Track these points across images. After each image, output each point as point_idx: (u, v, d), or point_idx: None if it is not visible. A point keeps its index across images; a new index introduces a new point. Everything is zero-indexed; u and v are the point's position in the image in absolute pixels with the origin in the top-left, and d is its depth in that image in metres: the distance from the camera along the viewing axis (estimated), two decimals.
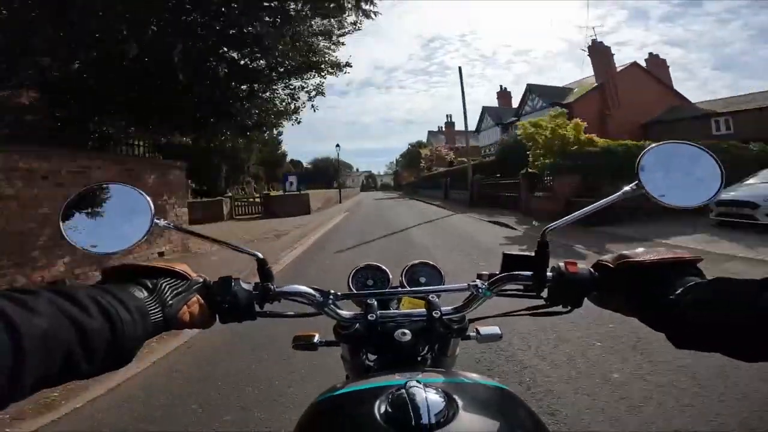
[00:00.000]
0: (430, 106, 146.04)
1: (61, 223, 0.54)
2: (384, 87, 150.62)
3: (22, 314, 0.33)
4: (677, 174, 0.58)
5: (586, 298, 0.55)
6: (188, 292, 0.51)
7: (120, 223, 0.56)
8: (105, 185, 0.58)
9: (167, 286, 0.49)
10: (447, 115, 41.92)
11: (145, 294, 0.46)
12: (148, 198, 0.57)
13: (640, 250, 0.52)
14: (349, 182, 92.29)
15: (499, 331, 0.72)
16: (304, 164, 75.27)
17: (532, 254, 0.58)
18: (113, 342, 0.39)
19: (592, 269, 0.55)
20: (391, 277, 0.77)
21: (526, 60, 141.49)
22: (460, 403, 0.43)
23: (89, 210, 0.57)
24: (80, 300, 0.38)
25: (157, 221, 0.57)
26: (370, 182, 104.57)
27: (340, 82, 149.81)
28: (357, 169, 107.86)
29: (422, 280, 0.77)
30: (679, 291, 0.44)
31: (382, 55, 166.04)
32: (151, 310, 0.45)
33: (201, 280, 0.53)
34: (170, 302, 0.48)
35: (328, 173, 73.10)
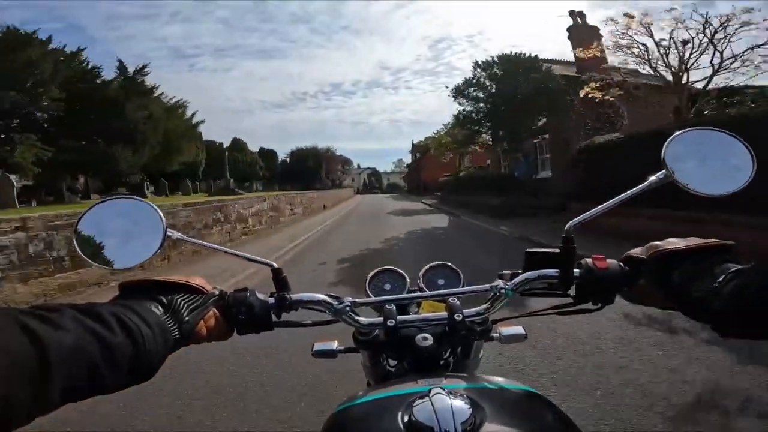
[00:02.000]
0: (437, 107, 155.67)
1: (74, 241, 0.57)
2: (391, 87, 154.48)
3: (49, 330, 0.36)
4: (706, 161, 0.57)
5: (618, 295, 0.56)
6: (204, 307, 0.54)
7: (132, 237, 0.58)
8: (114, 200, 0.60)
9: (183, 302, 0.51)
10: (572, 12, 14.15)
11: (162, 310, 0.49)
12: (159, 210, 0.59)
13: (672, 239, 0.53)
14: (348, 181, 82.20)
15: (524, 331, 0.70)
16: (281, 156, 60.78)
17: (557, 250, 0.58)
18: (136, 357, 0.42)
19: (621, 264, 0.56)
20: (408, 280, 0.78)
21: None
22: (487, 409, 0.44)
23: (101, 226, 0.59)
24: (103, 316, 0.41)
25: (170, 234, 0.59)
26: (373, 182, 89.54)
27: (347, 82, 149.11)
28: (358, 165, 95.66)
29: (441, 282, 0.77)
30: (720, 279, 0.45)
31: (390, 56, 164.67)
32: (170, 326, 0.48)
33: (217, 293, 0.56)
34: (186, 318, 0.50)
35: (311, 167, 57.01)
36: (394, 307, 0.61)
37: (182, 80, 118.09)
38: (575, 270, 0.57)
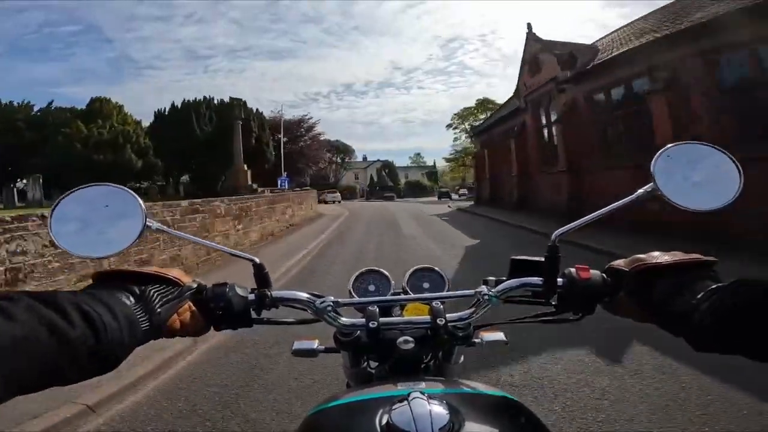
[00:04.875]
0: (449, 106, 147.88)
1: (49, 228, 0.58)
2: (403, 87, 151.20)
3: None
4: (693, 176, 0.62)
5: (598, 305, 0.63)
6: (179, 300, 0.56)
7: (111, 225, 0.59)
8: (93, 187, 0.61)
9: (156, 294, 0.53)
10: None
11: (133, 301, 0.51)
12: (140, 199, 0.61)
13: (655, 253, 0.59)
14: (349, 178, 59.33)
15: (505, 338, 0.76)
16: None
17: (541, 259, 0.64)
18: (96, 349, 0.43)
19: (604, 275, 0.62)
20: (393, 282, 0.83)
21: None
22: (465, 415, 0.46)
23: (78, 213, 0.59)
24: (62, 306, 0.42)
25: (150, 224, 0.60)
26: (384, 179, 60.67)
27: (359, 82, 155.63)
28: (365, 157, 71.08)
29: (426, 285, 0.81)
30: (699, 295, 0.50)
31: (401, 56, 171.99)
32: (139, 317, 0.50)
33: (195, 285, 0.60)
34: (158, 310, 0.52)
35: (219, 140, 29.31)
36: (377, 309, 0.65)
37: (198, 82, 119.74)
38: (559, 279, 0.63)
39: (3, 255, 3.51)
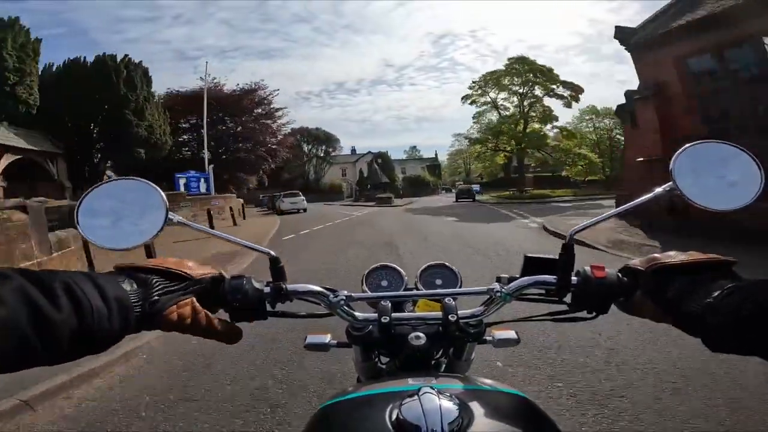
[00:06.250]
0: (442, 102, 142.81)
1: (76, 220, 0.61)
2: (395, 84, 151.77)
3: None
4: (714, 175, 0.62)
5: (613, 305, 0.65)
6: (182, 293, 0.56)
7: (134, 218, 0.63)
8: (118, 180, 0.66)
9: (158, 283, 0.55)
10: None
11: (134, 287, 0.52)
12: (162, 193, 0.64)
13: (672, 252, 0.61)
14: (335, 175, 51.34)
15: (516, 336, 0.78)
16: None
17: (555, 257, 0.67)
18: (80, 332, 0.44)
19: (620, 274, 0.64)
20: (406, 278, 0.85)
21: (539, 54, 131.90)
22: (475, 411, 0.47)
23: (103, 207, 0.63)
24: (51, 287, 0.43)
25: (171, 217, 0.63)
26: (377, 174, 47.56)
27: (351, 80, 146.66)
28: (353, 149, 61.76)
29: (438, 282, 0.83)
30: (715, 294, 0.50)
31: (393, 53, 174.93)
32: (133, 303, 0.51)
33: (209, 278, 0.62)
34: (155, 298, 0.53)
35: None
36: (390, 304, 0.67)
37: (187, 82, 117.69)
38: (573, 278, 0.64)
39: None
